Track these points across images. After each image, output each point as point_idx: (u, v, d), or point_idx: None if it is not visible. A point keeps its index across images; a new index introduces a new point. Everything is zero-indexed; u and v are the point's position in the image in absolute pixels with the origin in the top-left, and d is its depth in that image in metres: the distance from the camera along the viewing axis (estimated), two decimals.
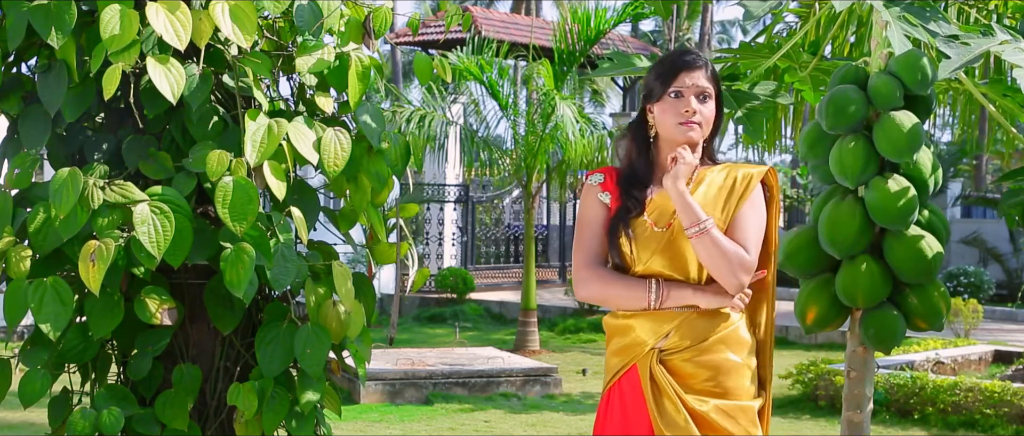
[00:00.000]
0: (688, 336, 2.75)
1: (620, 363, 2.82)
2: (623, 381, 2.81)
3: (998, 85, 3.24)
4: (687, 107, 2.78)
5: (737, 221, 2.76)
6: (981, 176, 23.55)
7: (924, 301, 2.97)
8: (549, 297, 15.94)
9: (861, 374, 3.16)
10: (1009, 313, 15.17)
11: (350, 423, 7.66)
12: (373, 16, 3.22)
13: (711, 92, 2.83)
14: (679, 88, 2.80)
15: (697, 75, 2.81)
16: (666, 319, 2.77)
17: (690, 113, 2.78)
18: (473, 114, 13.39)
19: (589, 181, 2.91)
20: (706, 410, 2.72)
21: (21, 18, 2.79)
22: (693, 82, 2.80)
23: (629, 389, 2.80)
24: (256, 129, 2.83)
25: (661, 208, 2.79)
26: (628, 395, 2.80)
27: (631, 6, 11.90)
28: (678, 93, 2.80)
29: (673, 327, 2.76)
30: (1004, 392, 7.79)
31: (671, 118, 2.80)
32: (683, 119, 2.78)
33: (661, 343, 2.76)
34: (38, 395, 2.90)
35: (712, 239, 2.68)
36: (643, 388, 2.76)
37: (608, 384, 2.87)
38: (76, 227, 2.70)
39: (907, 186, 2.87)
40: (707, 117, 2.81)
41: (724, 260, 2.68)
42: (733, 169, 2.84)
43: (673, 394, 2.72)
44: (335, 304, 3.05)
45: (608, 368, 2.88)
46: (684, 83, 2.80)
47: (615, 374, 2.83)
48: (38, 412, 3.43)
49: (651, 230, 2.78)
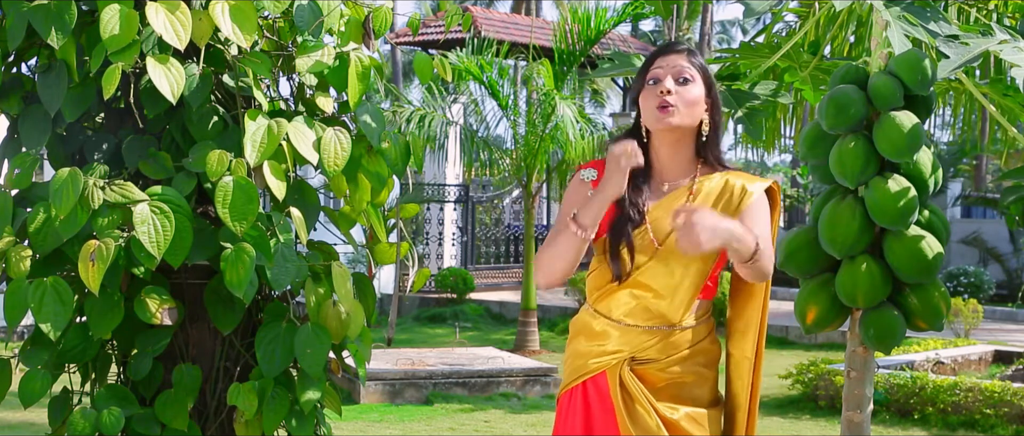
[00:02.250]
0: (665, 351, 2.71)
1: (586, 367, 2.75)
2: (589, 385, 2.75)
3: (998, 85, 3.24)
4: (662, 88, 2.68)
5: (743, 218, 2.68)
6: (981, 176, 23.55)
7: (924, 301, 2.97)
8: (549, 297, 15.93)
9: (861, 374, 3.16)
10: (1009, 313, 15.17)
11: (350, 423, 7.66)
12: (373, 16, 3.22)
13: (693, 75, 2.71)
14: (655, 74, 2.72)
15: (673, 57, 2.73)
16: (648, 335, 2.71)
17: (665, 92, 2.67)
18: (473, 114, 13.39)
19: (581, 175, 2.82)
20: (677, 417, 2.70)
21: (21, 18, 2.79)
22: (668, 65, 2.71)
23: (595, 393, 2.74)
24: (256, 129, 2.83)
25: (659, 221, 2.71)
26: (594, 399, 2.74)
27: (631, 6, 11.90)
28: (655, 79, 2.71)
29: (654, 342, 2.71)
30: (1004, 392, 7.79)
31: (648, 104, 2.71)
32: (657, 101, 2.68)
33: (636, 354, 2.71)
34: (38, 395, 2.90)
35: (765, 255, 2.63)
36: (612, 395, 2.70)
37: (568, 385, 2.79)
38: (76, 227, 2.70)
39: (907, 186, 2.87)
40: (688, 99, 2.69)
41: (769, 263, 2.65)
42: (734, 179, 2.75)
43: (645, 401, 2.68)
44: (335, 304, 3.05)
45: (573, 368, 2.79)
46: (660, 66, 2.72)
47: (580, 376, 2.76)
48: (38, 412, 3.43)
49: (650, 243, 2.71)
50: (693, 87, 2.71)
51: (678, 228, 2.49)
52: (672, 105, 2.68)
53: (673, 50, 2.75)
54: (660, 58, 2.74)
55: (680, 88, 2.70)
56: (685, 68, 2.71)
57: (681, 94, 2.69)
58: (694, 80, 2.72)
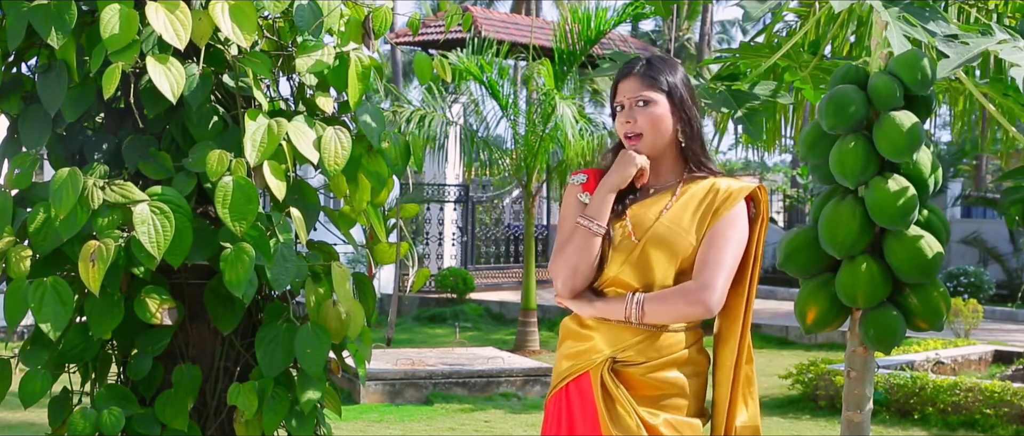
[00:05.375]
0: (644, 354, 2.71)
1: (571, 368, 2.75)
2: (572, 386, 2.75)
3: (998, 84, 3.24)
4: (627, 117, 2.75)
5: (712, 235, 2.70)
6: (981, 176, 23.56)
7: (924, 301, 2.97)
8: (549, 297, 15.91)
9: (861, 374, 3.15)
10: (1009, 313, 15.17)
11: (350, 423, 7.66)
12: (373, 16, 3.22)
13: (650, 96, 2.74)
14: (619, 101, 2.78)
15: (629, 83, 2.77)
16: (629, 333, 2.71)
17: (626, 124, 2.75)
18: (473, 114, 13.39)
19: (572, 180, 2.86)
20: (657, 423, 2.69)
21: (21, 18, 2.79)
22: (626, 92, 2.77)
23: (578, 395, 2.74)
24: (256, 129, 2.83)
25: (640, 217, 2.73)
26: (576, 401, 2.74)
27: (631, 6, 11.90)
28: (620, 107, 2.79)
29: (634, 342, 2.71)
30: (1004, 392, 7.79)
31: (620, 131, 2.79)
32: (623, 129, 2.76)
33: (617, 354, 2.71)
34: (38, 395, 2.90)
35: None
36: (594, 395, 2.70)
37: (556, 387, 2.80)
38: (76, 227, 2.70)
39: (907, 186, 2.87)
40: (646, 123, 2.74)
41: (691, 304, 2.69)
42: (718, 183, 2.77)
43: (626, 403, 2.68)
44: (335, 304, 3.05)
45: (558, 372, 2.80)
46: (622, 95, 2.78)
47: (564, 378, 2.77)
48: (38, 412, 3.43)
49: (628, 238, 2.72)
50: (654, 108, 2.75)
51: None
52: (637, 135, 2.75)
53: (628, 75, 2.79)
54: (620, 84, 2.80)
55: (640, 112, 2.75)
56: (641, 93, 2.75)
57: (644, 116, 2.74)
58: (654, 101, 2.75)
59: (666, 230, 2.71)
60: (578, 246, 2.72)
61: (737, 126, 3.53)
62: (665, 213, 2.73)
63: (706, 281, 2.67)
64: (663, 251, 2.71)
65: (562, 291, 2.75)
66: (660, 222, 2.72)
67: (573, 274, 2.72)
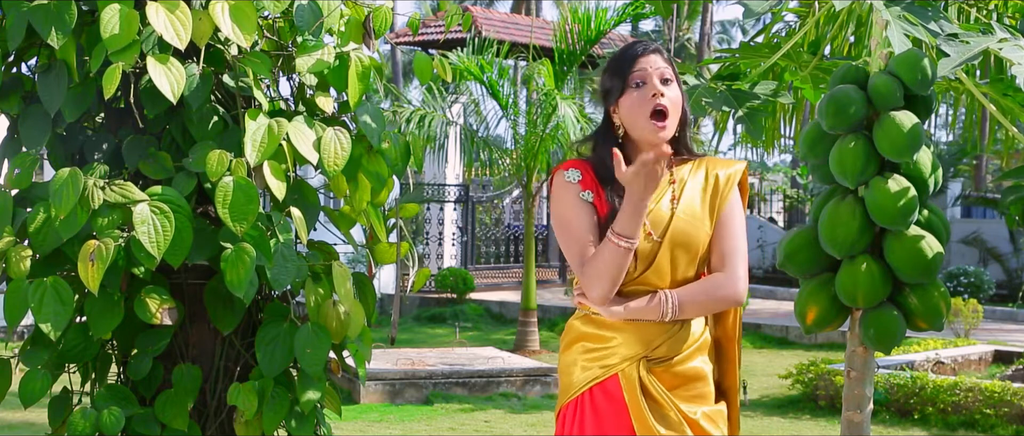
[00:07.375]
0: (674, 348, 2.71)
1: (594, 374, 2.70)
2: (596, 390, 2.69)
3: (998, 84, 3.24)
4: (653, 91, 2.66)
5: (725, 223, 2.72)
6: (981, 176, 23.56)
7: (924, 301, 2.97)
8: (549, 297, 15.94)
9: (861, 374, 3.15)
10: (1009, 313, 15.17)
11: (350, 423, 7.66)
12: (373, 16, 3.22)
13: (672, 75, 2.71)
14: (640, 76, 2.68)
15: (654, 58, 2.70)
16: (658, 330, 2.69)
17: (659, 95, 2.65)
18: (473, 114, 13.39)
19: (565, 178, 2.74)
20: (697, 417, 2.69)
21: (21, 18, 2.79)
22: (652, 66, 2.69)
23: (604, 398, 2.68)
24: (256, 129, 2.83)
25: (653, 213, 2.69)
26: (603, 405, 2.68)
27: (631, 6, 11.90)
28: (640, 81, 2.68)
29: (665, 339, 2.69)
30: (1004, 392, 7.79)
31: (639, 109, 2.67)
32: (652, 105, 2.64)
33: (650, 353, 2.68)
34: (38, 395, 2.90)
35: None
36: (628, 398, 2.64)
37: (575, 394, 2.72)
38: (76, 227, 2.70)
39: (907, 186, 2.87)
40: (674, 101, 2.69)
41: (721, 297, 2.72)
42: (711, 166, 2.77)
43: (667, 400, 2.66)
44: (335, 304, 3.05)
45: (578, 378, 2.72)
46: (644, 68, 2.68)
47: (588, 383, 2.70)
48: (38, 412, 3.43)
49: (649, 237, 2.68)
50: (674, 87, 2.72)
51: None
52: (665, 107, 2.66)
53: (650, 51, 2.72)
54: (641, 59, 2.70)
55: (665, 89, 2.69)
56: (666, 69, 2.71)
57: (668, 96, 2.69)
58: (673, 80, 2.72)
59: (686, 224, 2.70)
60: (612, 260, 2.60)
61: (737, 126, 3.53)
62: (677, 205, 2.72)
63: (733, 272, 2.71)
64: (685, 246, 2.70)
65: (597, 300, 2.66)
66: (677, 217, 2.70)
67: (612, 286, 2.63)
